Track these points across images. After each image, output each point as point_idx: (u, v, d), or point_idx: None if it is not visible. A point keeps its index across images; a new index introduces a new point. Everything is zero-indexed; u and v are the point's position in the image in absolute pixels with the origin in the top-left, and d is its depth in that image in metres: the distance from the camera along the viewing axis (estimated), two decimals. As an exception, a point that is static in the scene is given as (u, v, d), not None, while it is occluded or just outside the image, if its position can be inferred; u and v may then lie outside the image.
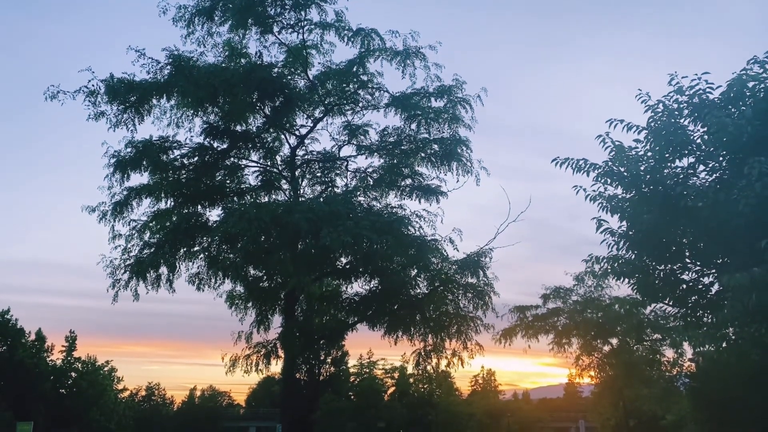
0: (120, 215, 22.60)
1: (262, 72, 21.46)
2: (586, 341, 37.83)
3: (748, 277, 9.26)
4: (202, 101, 21.31)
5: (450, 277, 21.92)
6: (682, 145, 12.27)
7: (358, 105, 23.56)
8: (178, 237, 22.29)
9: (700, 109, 11.99)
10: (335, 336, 27.57)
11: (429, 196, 23.38)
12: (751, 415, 20.96)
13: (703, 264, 13.12)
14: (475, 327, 22.41)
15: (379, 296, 22.70)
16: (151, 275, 22.43)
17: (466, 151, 22.74)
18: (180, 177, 22.88)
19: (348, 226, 18.06)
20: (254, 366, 22.63)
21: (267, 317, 24.46)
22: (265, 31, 22.48)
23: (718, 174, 12.13)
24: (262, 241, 19.71)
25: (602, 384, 41.80)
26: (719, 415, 24.30)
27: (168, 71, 21.17)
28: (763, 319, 10.89)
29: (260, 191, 24.22)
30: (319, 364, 64.41)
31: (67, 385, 53.33)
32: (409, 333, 22.59)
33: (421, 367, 23.48)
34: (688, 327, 14.43)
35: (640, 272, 13.54)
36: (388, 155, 23.73)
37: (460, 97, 22.52)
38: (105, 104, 21.24)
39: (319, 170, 24.92)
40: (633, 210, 12.69)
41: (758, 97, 11.51)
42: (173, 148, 22.83)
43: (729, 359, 19.19)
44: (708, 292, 13.34)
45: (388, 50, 22.11)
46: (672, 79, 12.46)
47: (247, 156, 24.24)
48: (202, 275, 23.55)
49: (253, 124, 23.79)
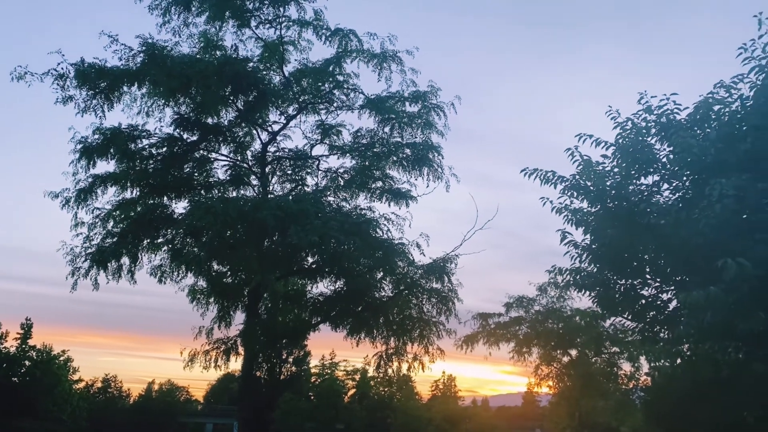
0: (83, 202, 22.14)
1: (237, 65, 21.26)
2: (546, 351, 38.35)
3: (704, 296, 9.43)
4: (175, 91, 21.02)
5: (415, 281, 22.01)
6: (647, 163, 12.49)
7: (333, 105, 23.51)
8: (142, 228, 21.94)
9: (667, 129, 12.22)
10: (298, 335, 27.37)
11: (399, 199, 23.42)
12: (701, 429, 21.43)
13: (662, 280, 13.35)
14: (437, 332, 22.56)
15: (343, 297, 22.65)
16: (112, 265, 22.02)
17: (438, 157, 22.87)
18: (147, 167, 22.52)
19: (316, 226, 17.98)
20: (213, 362, 22.41)
21: (229, 313, 24.24)
22: (243, 24, 22.30)
23: (681, 193, 12.36)
24: (227, 237, 19.52)
25: (560, 394, 42.39)
26: (671, 428, 24.79)
27: (141, 59, 20.83)
28: (717, 337, 11.14)
29: (228, 186, 23.97)
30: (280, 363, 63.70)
31: (20, 374, 51.97)
32: (372, 335, 22.61)
33: (382, 369, 23.51)
34: (645, 342, 14.71)
35: (601, 285, 13.74)
36: (360, 157, 23.72)
37: (434, 104, 22.64)
38: (74, 88, 20.84)
39: (290, 168, 24.79)
40: (597, 224, 12.87)
41: (723, 120, 11.78)
42: (142, 137, 22.46)
43: (683, 375, 19.63)
44: (666, 309, 13.58)
45: (365, 52, 22.12)
46: (642, 97, 12.69)
47: (216, 149, 23.99)
48: (165, 268, 23.22)
49: (225, 117, 23.55)
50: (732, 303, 9.67)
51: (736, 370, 14.73)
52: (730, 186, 9.75)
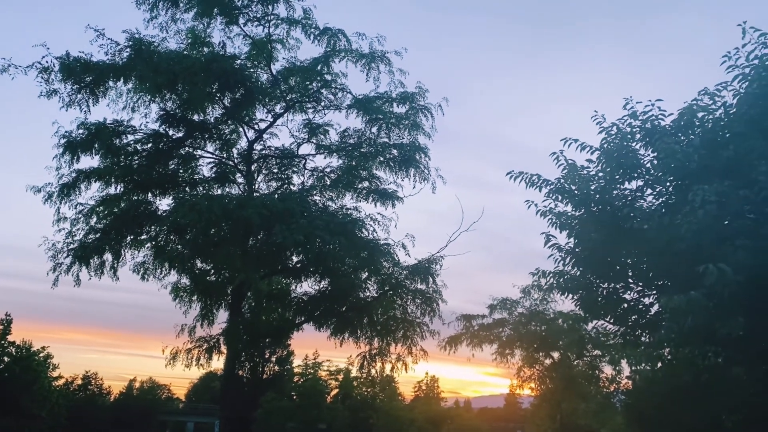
0: (67, 197, 21.96)
1: (224, 62, 21.18)
2: (528, 353, 38.53)
3: (685, 300, 9.52)
4: (161, 87, 20.89)
5: (400, 282, 22.06)
6: (632, 168, 12.58)
7: (320, 104, 23.49)
8: (126, 224, 21.79)
9: (651, 135, 12.32)
10: (281, 335, 27.31)
11: (385, 200, 23.45)
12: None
13: (644, 285, 13.45)
14: (421, 333, 22.63)
15: (327, 297, 22.64)
16: (94, 261, 21.87)
17: (425, 159, 22.95)
18: (132, 163, 22.37)
19: (301, 225, 17.95)
20: (195, 360, 22.32)
21: (212, 312, 24.14)
22: (231, 21, 22.21)
23: (664, 198, 12.47)
24: (211, 234, 19.43)
25: (542, 396, 42.62)
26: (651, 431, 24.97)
27: (127, 54, 20.69)
28: (697, 342, 11.24)
29: (214, 183, 23.87)
30: (263, 362, 63.65)
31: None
32: (356, 335, 22.63)
33: (365, 370, 23.54)
34: (626, 345, 14.78)
35: (584, 289, 13.81)
36: (347, 156, 23.71)
37: (422, 105, 22.70)
38: (59, 82, 20.69)
39: (276, 166, 24.72)
40: (581, 228, 12.95)
41: (706, 127, 11.90)
42: (127, 132, 22.32)
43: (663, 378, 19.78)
44: (647, 313, 13.68)
45: (353, 52, 22.11)
46: (627, 103, 12.78)
47: (202, 146, 23.89)
48: (148, 265, 23.11)
49: (212, 114, 23.46)
50: (712, 308, 9.77)
51: (715, 375, 14.87)
52: (712, 192, 9.85)
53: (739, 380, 15.31)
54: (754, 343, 11.66)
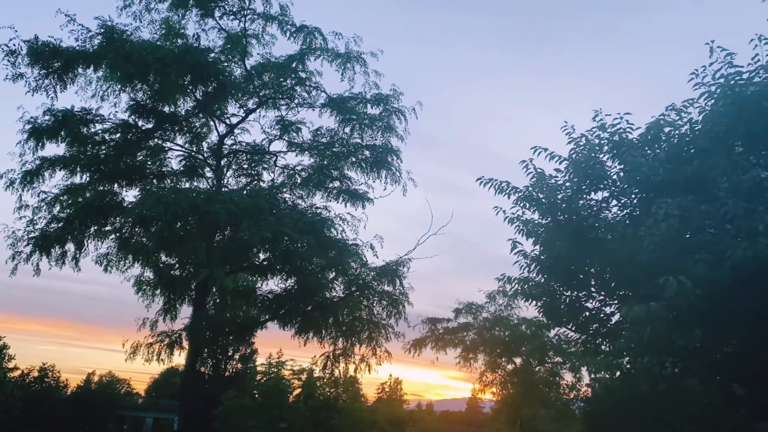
0: (29, 185, 21.49)
1: (198, 55, 20.90)
2: (491, 358, 38.86)
3: (645, 311, 9.69)
4: (132, 77, 20.56)
5: (367, 283, 22.05)
6: (598, 179, 12.79)
7: (294, 101, 23.36)
8: (90, 214, 21.39)
9: (619, 147, 12.54)
10: (245, 332, 27.10)
11: (355, 200, 23.43)
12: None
13: (606, 294, 13.67)
14: (386, 334, 22.64)
15: (293, 296, 22.52)
16: (56, 251, 21.44)
17: (396, 161, 22.98)
18: (99, 152, 21.96)
19: (269, 222, 17.82)
20: (156, 355, 21.96)
21: (175, 306, 23.84)
22: (206, 14, 21.96)
23: (628, 210, 12.69)
24: (177, 228, 19.15)
25: (503, 401, 43.02)
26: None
27: (99, 41, 20.31)
28: (655, 352, 11.44)
29: (182, 176, 23.56)
30: (225, 359, 63.04)
31: (-50, 360, 49.92)
32: (320, 335, 22.55)
33: (329, 370, 23.46)
34: (587, 353, 15.03)
35: (548, 296, 13.98)
36: (319, 155, 23.62)
37: (395, 107, 22.72)
38: (26, 66, 20.26)
39: (246, 162, 24.51)
40: (547, 236, 13.11)
41: (672, 142, 12.16)
42: (95, 121, 21.90)
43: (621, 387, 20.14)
44: (608, 322, 13.91)
45: (329, 51, 22.03)
46: (596, 115, 13.00)
47: (172, 139, 23.55)
48: (111, 256, 22.76)
49: (183, 107, 23.17)
50: (671, 319, 9.97)
51: (671, 384, 15.20)
52: (675, 206, 10.05)
53: (694, 391, 15.67)
54: (709, 355, 11.95)
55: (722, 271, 9.67)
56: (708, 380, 13.60)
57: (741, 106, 10.89)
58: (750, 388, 12.61)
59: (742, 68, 11.10)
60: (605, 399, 24.71)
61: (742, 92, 10.94)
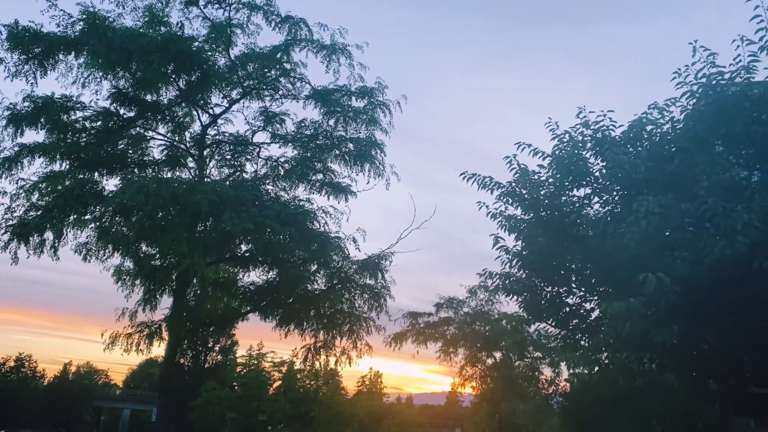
0: (8, 171, 21.17)
1: (181, 43, 20.66)
2: (471, 352, 39.07)
3: (624, 307, 9.76)
4: (114, 64, 20.31)
5: (349, 276, 22.06)
6: (581, 176, 12.85)
7: (278, 92, 23.23)
8: (69, 203, 21.05)
9: (601, 144, 12.60)
10: (225, 323, 26.99)
11: (338, 193, 23.40)
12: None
13: (586, 290, 13.77)
14: (367, 328, 22.69)
15: (275, 288, 22.47)
16: (34, 239, 21.08)
17: (380, 155, 22.97)
18: (79, 140, 21.66)
19: (252, 213, 17.71)
20: (135, 346, 21.81)
21: (155, 297, 23.66)
22: (191, 2, 21.78)
23: (610, 207, 12.77)
24: (158, 218, 18.96)
25: (482, 395, 43.28)
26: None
27: (80, 27, 20.01)
28: (634, 348, 11.56)
29: (164, 166, 23.34)
30: (205, 351, 62.78)
31: (-77, 348, 49.13)
32: (301, 327, 22.54)
33: (309, 362, 23.45)
34: (566, 348, 15.12)
35: (529, 291, 14.05)
36: (303, 147, 23.53)
37: (380, 101, 22.68)
38: (5, 51, 19.92)
39: (229, 153, 24.35)
40: (529, 231, 13.16)
41: (654, 140, 12.25)
42: (76, 108, 21.56)
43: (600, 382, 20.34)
44: (588, 317, 14.01)
45: (314, 42, 21.92)
46: (580, 112, 13.03)
47: (154, 128, 23.31)
48: (91, 246, 22.49)
49: (165, 95, 22.92)
50: (650, 315, 10.06)
51: (649, 380, 15.38)
52: (655, 204, 10.13)
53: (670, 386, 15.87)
54: (686, 352, 12.09)
55: (700, 269, 9.77)
56: (684, 376, 13.77)
57: (722, 105, 10.99)
58: (724, 385, 12.81)
59: (724, 68, 11.18)
60: (584, 394, 24.98)
61: (723, 92, 11.03)
